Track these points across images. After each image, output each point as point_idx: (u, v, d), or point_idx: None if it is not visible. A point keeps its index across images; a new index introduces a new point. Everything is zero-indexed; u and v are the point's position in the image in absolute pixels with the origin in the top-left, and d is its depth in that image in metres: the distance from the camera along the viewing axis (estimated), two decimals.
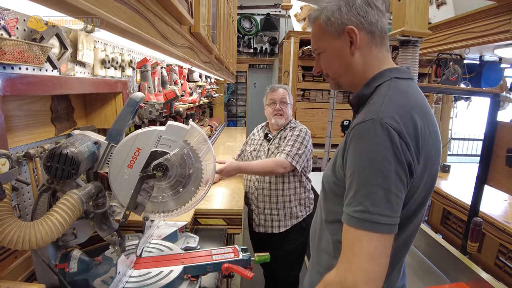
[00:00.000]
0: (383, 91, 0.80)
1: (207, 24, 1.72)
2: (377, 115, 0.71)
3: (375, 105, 0.76)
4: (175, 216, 1.09)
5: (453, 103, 4.21)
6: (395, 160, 0.69)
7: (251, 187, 2.06)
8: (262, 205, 2.03)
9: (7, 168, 0.68)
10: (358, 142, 0.72)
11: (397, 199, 0.70)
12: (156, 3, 0.92)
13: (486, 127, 1.64)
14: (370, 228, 0.68)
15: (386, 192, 0.68)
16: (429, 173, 0.77)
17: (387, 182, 0.68)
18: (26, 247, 0.75)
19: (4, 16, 0.81)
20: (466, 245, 1.61)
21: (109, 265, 1.07)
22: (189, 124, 1.01)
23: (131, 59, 1.51)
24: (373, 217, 0.68)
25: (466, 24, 2.69)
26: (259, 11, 6.40)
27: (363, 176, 0.70)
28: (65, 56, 1.04)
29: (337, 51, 0.86)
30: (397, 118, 0.71)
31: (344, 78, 0.90)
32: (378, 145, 0.69)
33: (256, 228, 2.09)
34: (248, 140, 2.26)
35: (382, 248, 0.69)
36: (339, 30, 0.83)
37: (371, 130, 0.70)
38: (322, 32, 0.87)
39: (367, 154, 0.70)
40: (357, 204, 0.70)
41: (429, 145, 0.75)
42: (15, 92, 0.83)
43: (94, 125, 1.41)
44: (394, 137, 0.69)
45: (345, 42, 0.83)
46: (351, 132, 0.75)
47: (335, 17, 0.83)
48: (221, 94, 5.37)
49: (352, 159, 0.73)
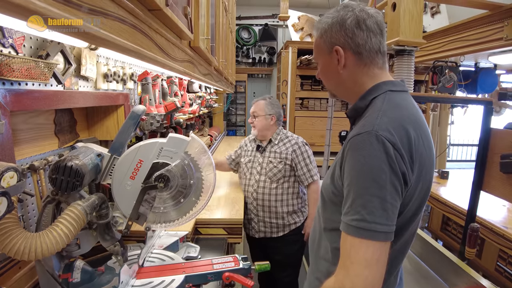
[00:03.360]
0: (378, 104, 0.83)
1: (206, 37, 1.77)
2: (373, 127, 0.74)
3: (371, 118, 0.79)
4: (176, 226, 1.11)
5: (450, 110, 4.25)
6: (390, 171, 0.71)
7: (250, 198, 2.12)
8: (262, 214, 2.09)
9: (15, 181, 0.71)
10: (355, 153, 0.75)
11: (393, 208, 0.73)
12: (157, 20, 0.96)
13: (480, 134, 1.67)
14: (367, 236, 0.71)
15: (381, 201, 0.71)
16: (423, 182, 0.80)
17: (383, 191, 0.71)
18: (32, 257, 0.77)
19: (12, 35, 0.85)
20: (464, 251, 1.62)
21: (111, 275, 1.09)
22: (190, 135, 1.04)
23: (132, 72, 1.54)
24: (370, 225, 0.71)
25: (461, 32, 2.74)
26: (257, 22, 6.50)
27: (360, 186, 0.73)
28: (69, 71, 1.07)
29: (328, 66, 0.91)
30: (392, 131, 0.74)
31: (337, 90, 0.95)
32: (374, 156, 0.72)
33: (256, 234, 2.15)
34: (241, 151, 2.30)
35: (378, 255, 0.71)
36: (329, 47, 0.88)
37: (367, 142, 0.73)
38: (318, 46, 0.92)
39: (364, 165, 0.73)
40: (354, 213, 0.73)
41: (423, 154, 0.78)
42: (22, 107, 0.86)
43: (97, 137, 1.44)
44: (388, 148, 0.72)
45: (334, 59, 0.88)
46: (348, 143, 0.78)
47: (326, 35, 0.88)
48: (221, 104, 5.42)
49: (349, 169, 0.76)
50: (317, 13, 5.99)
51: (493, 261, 2.49)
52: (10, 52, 0.83)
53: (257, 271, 1.18)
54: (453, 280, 1.43)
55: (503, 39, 2.31)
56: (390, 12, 2.09)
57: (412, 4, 1.98)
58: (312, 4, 6.18)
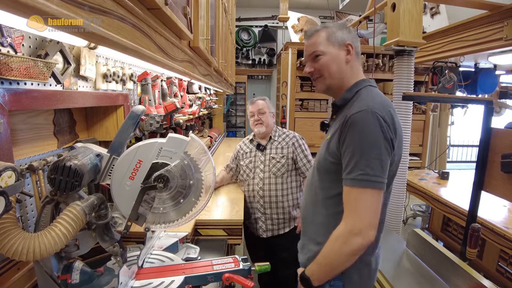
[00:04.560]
0: (364, 93, 1.08)
1: (206, 38, 1.77)
2: (367, 107, 0.98)
3: (363, 101, 1.02)
4: (176, 226, 1.11)
5: (450, 110, 4.24)
6: (383, 137, 0.95)
7: (256, 196, 2.14)
8: (270, 211, 2.12)
9: (13, 181, 0.70)
10: (357, 126, 0.96)
11: (386, 165, 0.97)
12: (156, 19, 0.96)
13: (481, 134, 1.66)
14: (371, 185, 0.94)
15: (379, 160, 0.95)
16: (398, 153, 1.05)
17: (380, 152, 0.95)
18: (30, 258, 0.76)
19: (11, 34, 0.84)
20: (465, 252, 1.61)
21: (111, 276, 1.08)
22: (189, 136, 1.03)
23: (132, 72, 1.54)
24: (372, 178, 0.94)
25: (460, 33, 2.74)
26: (257, 23, 6.51)
27: (363, 149, 0.94)
28: (68, 71, 1.07)
29: (336, 56, 1.12)
30: (381, 109, 0.98)
31: (335, 80, 1.14)
32: (372, 126, 0.95)
33: (264, 233, 2.15)
34: (238, 155, 2.30)
35: (377, 201, 0.96)
36: (341, 43, 1.12)
37: (365, 117, 0.96)
38: (326, 41, 1.12)
39: (365, 134, 0.95)
40: (359, 170, 0.94)
41: (398, 129, 1.03)
42: (21, 107, 0.85)
43: (96, 138, 1.43)
44: (381, 121, 0.96)
45: (343, 52, 1.12)
46: (349, 119, 0.98)
47: (339, 34, 1.12)
48: (221, 105, 5.42)
49: (352, 138, 0.96)
50: (317, 14, 6.01)
51: (494, 262, 2.48)
52: (8, 51, 0.83)
53: (257, 272, 1.17)
54: (454, 281, 1.43)
55: (503, 39, 2.31)
56: (389, 13, 2.09)
57: (412, 4, 1.98)
58: (311, 5, 6.19)
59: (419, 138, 5.47)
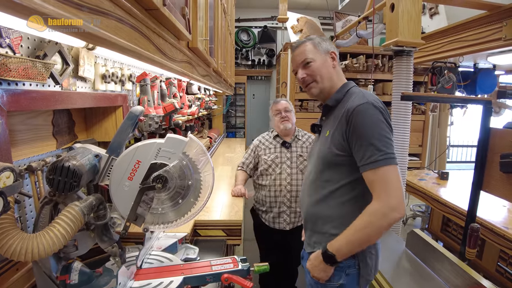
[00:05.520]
0: (357, 91, 1.21)
1: (205, 38, 1.77)
2: (367, 100, 1.10)
3: (360, 96, 1.14)
4: (175, 227, 1.11)
5: (449, 111, 4.25)
6: (386, 122, 1.09)
7: (283, 191, 2.21)
8: (295, 205, 2.22)
9: (11, 181, 0.70)
10: (363, 116, 1.08)
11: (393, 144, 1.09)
12: (154, 20, 0.96)
13: (480, 134, 1.66)
14: (393, 162, 1.05)
15: (389, 139, 1.08)
16: None
17: (388, 134, 1.08)
18: (28, 258, 0.76)
19: (9, 35, 0.84)
20: (464, 252, 1.61)
21: (109, 276, 1.08)
22: (188, 136, 1.03)
23: (131, 73, 1.54)
24: (391, 155, 1.05)
25: (459, 33, 2.75)
26: (256, 24, 6.52)
27: (375, 134, 1.06)
28: (67, 72, 1.07)
29: (324, 62, 1.26)
30: (377, 101, 1.12)
31: (327, 83, 1.25)
32: (376, 115, 1.08)
33: (287, 226, 2.24)
34: (257, 150, 2.32)
35: (399, 176, 1.07)
36: (326, 51, 1.27)
37: (369, 108, 1.08)
38: (314, 49, 1.26)
39: (372, 121, 1.07)
40: (378, 151, 1.04)
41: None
42: (19, 107, 0.85)
43: (95, 138, 1.43)
44: (381, 109, 1.09)
45: (329, 59, 1.27)
46: (354, 111, 1.09)
47: (322, 45, 1.27)
48: (220, 106, 5.42)
49: (361, 128, 1.07)
50: (316, 15, 6.01)
51: (494, 262, 2.48)
52: (7, 52, 0.83)
53: (256, 273, 1.17)
54: (454, 281, 1.43)
55: (502, 39, 2.31)
56: (388, 13, 2.09)
57: (411, 4, 1.98)
58: (311, 6, 6.20)
59: (419, 138, 5.47)
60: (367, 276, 1.21)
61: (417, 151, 5.49)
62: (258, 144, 2.34)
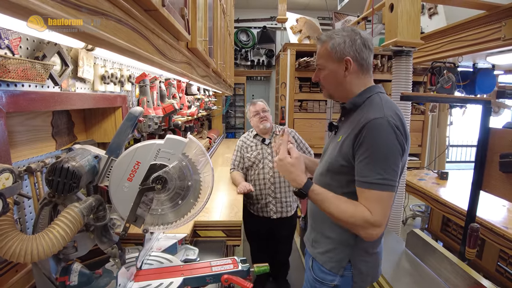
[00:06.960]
0: (377, 99, 1.11)
1: (204, 39, 1.77)
2: (383, 114, 1.03)
3: (378, 108, 1.07)
4: (175, 228, 1.11)
5: (448, 110, 4.25)
6: (397, 144, 1.02)
7: (267, 183, 2.41)
8: (279, 195, 2.42)
9: (10, 183, 0.70)
10: (374, 132, 1.02)
11: (398, 170, 1.05)
12: (153, 21, 0.96)
13: (479, 134, 1.66)
14: (387, 189, 1.02)
15: (393, 166, 1.02)
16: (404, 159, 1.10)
17: (394, 159, 1.02)
18: (28, 260, 0.76)
19: (8, 36, 0.84)
20: (464, 252, 1.61)
21: (109, 277, 1.07)
22: (187, 137, 1.03)
23: (130, 74, 1.54)
24: (389, 182, 1.02)
25: (458, 33, 2.75)
26: (256, 24, 6.52)
27: (380, 155, 1.01)
28: (66, 72, 1.07)
29: (334, 72, 1.15)
30: (394, 116, 1.04)
31: (336, 92, 1.20)
32: (388, 135, 1.01)
33: (274, 215, 2.44)
34: (242, 149, 2.54)
35: (391, 202, 1.05)
36: (340, 58, 1.12)
37: (383, 125, 1.02)
38: (326, 54, 1.15)
39: (382, 141, 1.01)
40: (376, 174, 1.01)
41: (407, 131, 1.08)
42: (18, 108, 0.85)
43: (94, 139, 1.43)
44: (395, 128, 1.02)
45: (342, 67, 1.14)
46: (367, 125, 1.03)
47: (340, 48, 1.12)
48: (219, 106, 5.41)
49: (370, 144, 1.02)
50: (315, 16, 6.02)
51: (494, 262, 2.48)
52: (6, 53, 0.83)
53: (256, 273, 1.17)
54: (454, 281, 1.42)
55: (501, 39, 2.32)
56: (387, 13, 2.09)
57: (410, 5, 1.98)
58: (310, 6, 6.20)
59: (418, 138, 5.47)
60: (361, 283, 1.21)
61: (416, 151, 5.49)
62: (242, 144, 2.56)
